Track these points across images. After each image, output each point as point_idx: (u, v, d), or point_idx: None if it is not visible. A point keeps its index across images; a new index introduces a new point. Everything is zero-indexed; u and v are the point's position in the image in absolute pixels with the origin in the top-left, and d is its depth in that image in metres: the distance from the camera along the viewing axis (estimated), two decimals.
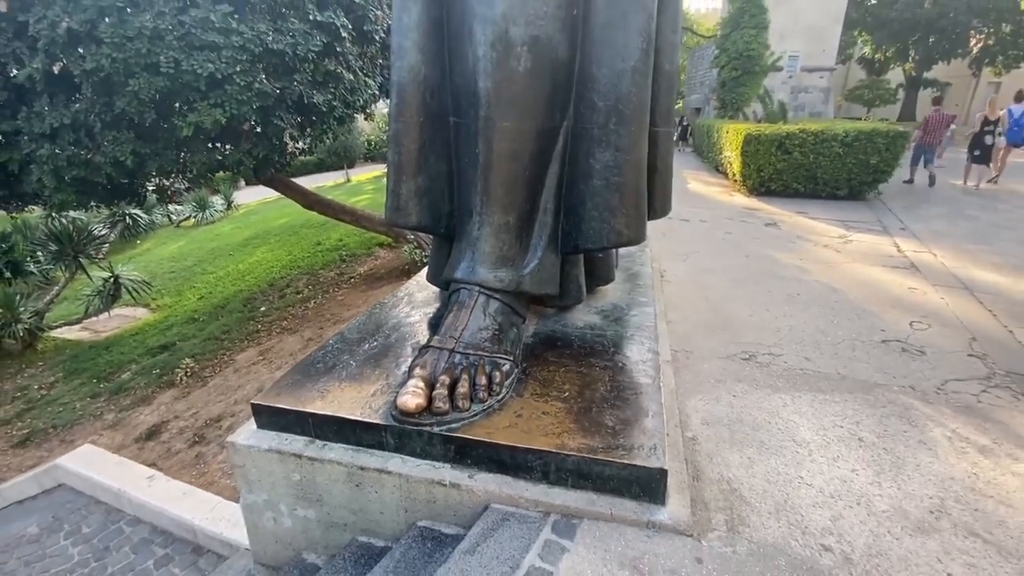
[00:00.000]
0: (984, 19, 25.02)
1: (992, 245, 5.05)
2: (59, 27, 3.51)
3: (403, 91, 1.96)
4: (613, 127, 1.84)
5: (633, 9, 1.76)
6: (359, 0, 4.80)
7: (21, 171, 4.31)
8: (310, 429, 1.70)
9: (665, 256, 4.59)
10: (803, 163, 7.56)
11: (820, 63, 21.13)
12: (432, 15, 1.91)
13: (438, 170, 2.05)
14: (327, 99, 4.68)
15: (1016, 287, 3.84)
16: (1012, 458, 1.88)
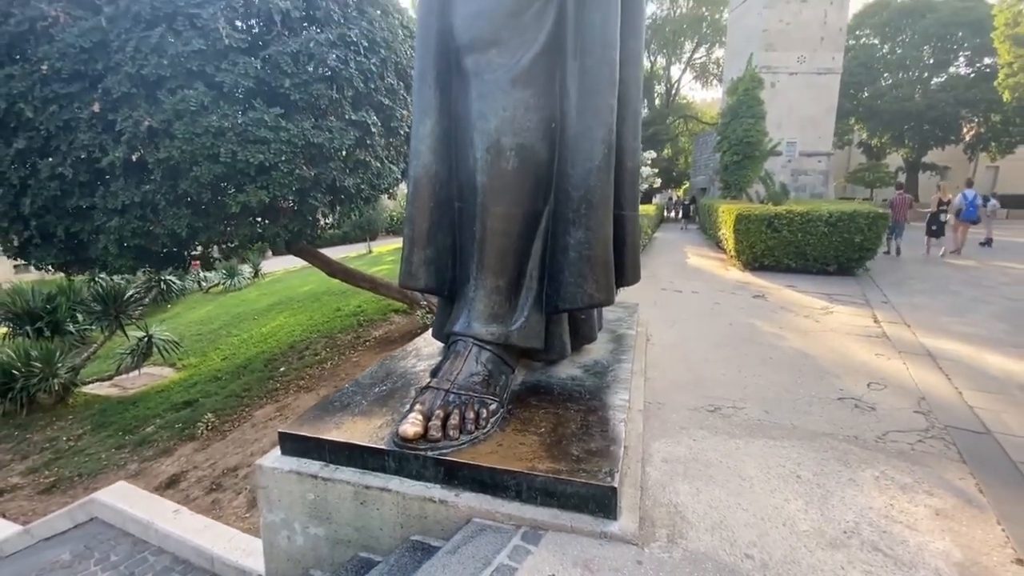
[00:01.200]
0: (973, 110, 26.48)
1: (966, 318, 5.35)
2: (142, 124, 4.30)
3: (418, 183, 2.52)
4: (584, 212, 2.35)
5: (597, 124, 2.33)
6: (387, 102, 5.67)
7: (88, 240, 5.00)
8: (325, 454, 2.08)
9: (654, 322, 4.99)
10: (792, 241, 8.07)
11: (817, 148, 22.41)
12: (443, 126, 2.51)
13: (444, 244, 2.57)
14: (356, 183, 5.41)
15: (978, 356, 4.12)
16: (927, 493, 2.16)
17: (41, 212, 4.80)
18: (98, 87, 4.38)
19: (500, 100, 2.31)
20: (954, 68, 28.49)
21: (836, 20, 20.93)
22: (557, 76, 2.34)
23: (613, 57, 2.30)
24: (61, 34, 4.35)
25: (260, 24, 4.90)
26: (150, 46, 4.24)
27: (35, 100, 4.44)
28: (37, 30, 4.46)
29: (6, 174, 4.69)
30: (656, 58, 32.70)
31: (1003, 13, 20.70)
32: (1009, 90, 20.80)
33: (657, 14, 30.46)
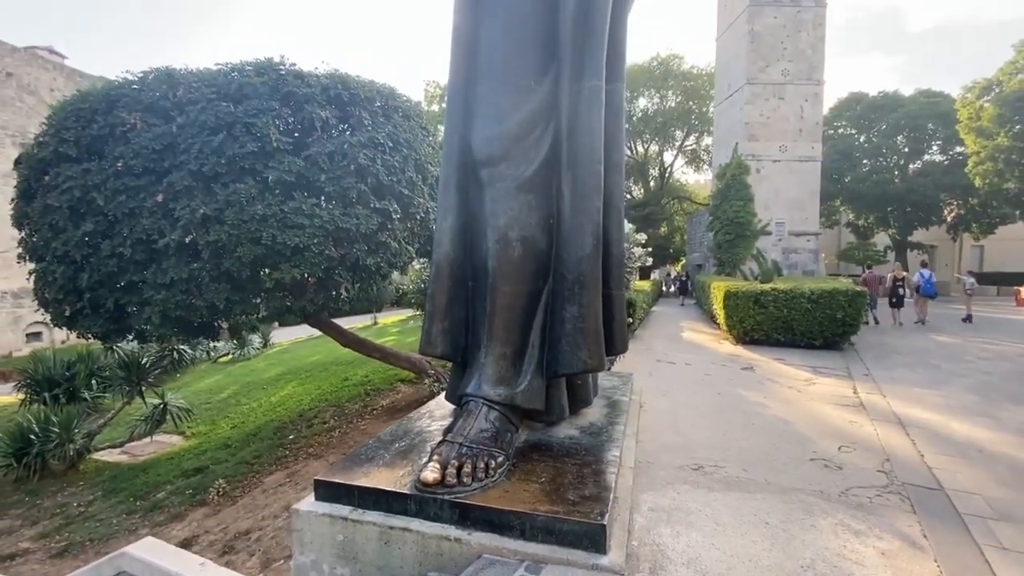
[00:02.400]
0: (951, 193, 28.01)
1: (941, 390, 5.71)
2: (197, 212, 4.99)
3: (440, 267, 3.08)
4: (577, 291, 2.87)
5: (587, 220, 2.90)
6: (407, 192, 6.44)
7: (132, 311, 5.53)
8: (355, 499, 2.44)
9: (648, 391, 5.37)
10: (779, 316, 8.58)
11: (805, 228, 23.56)
12: (460, 221, 3.10)
13: (458, 317, 3.08)
14: (376, 261, 6.03)
15: (946, 424, 4.47)
16: (877, 537, 2.50)
17: (95, 286, 5.38)
18: (163, 181, 5.12)
19: (508, 203, 2.94)
20: (928, 156, 30.48)
21: (812, 115, 22.85)
22: (554, 183, 2.97)
23: (598, 169, 2.94)
24: (137, 137, 5.17)
25: (303, 129, 5.76)
26: (211, 148, 5.03)
27: (107, 191, 5.17)
28: (116, 133, 5.29)
29: (71, 253, 5.33)
30: (649, 145, 35.14)
31: (965, 108, 22.64)
32: (979, 176, 22.25)
33: (648, 107, 33.19)
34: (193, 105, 5.21)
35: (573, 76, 2.92)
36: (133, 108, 5.31)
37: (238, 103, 5.33)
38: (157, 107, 5.32)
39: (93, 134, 5.37)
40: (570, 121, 2.93)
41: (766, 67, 22.52)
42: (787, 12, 22.30)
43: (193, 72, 5.68)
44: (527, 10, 2.93)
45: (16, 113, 21.47)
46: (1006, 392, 5.62)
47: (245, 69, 5.66)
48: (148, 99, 5.35)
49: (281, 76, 5.72)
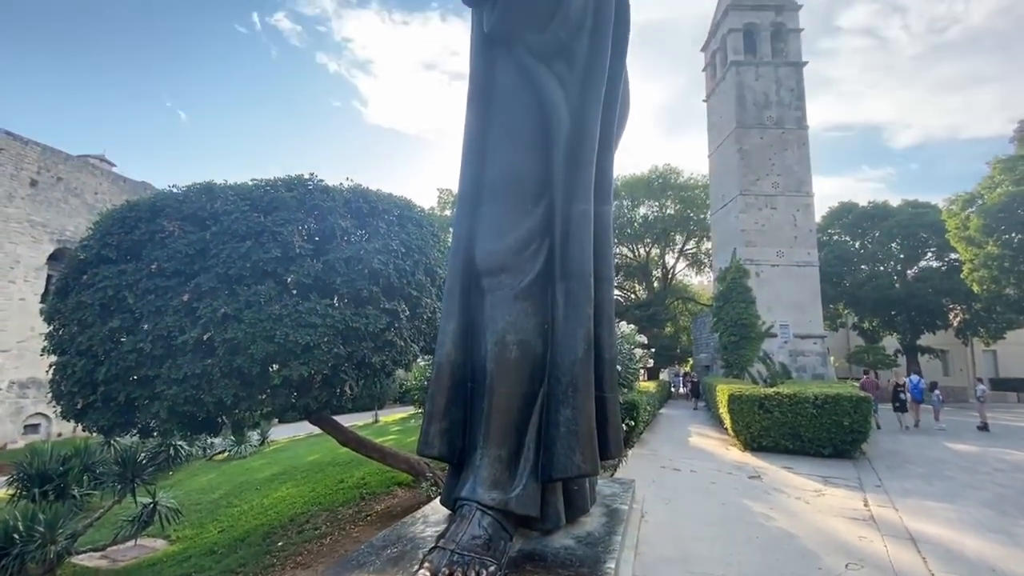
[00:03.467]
0: (953, 298, 28.34)
1: (955, 504, 5.49)
2: (218, 311, 5.33)
3: (441, 368, 3.29)
4: (571, 393, 3.03)
5: (579, 326, 3.12)
6: (415, 293, 6.82)
7: (142, 405, 5.67)
8: None
9: (650, 500, 5.23)
10: (785, 421, 8.45)
11: (810, 331, 23.63)
12: (462, 324, 3.35)
13: (457, 418, 3.21)
14: (382, 359, 6.24)
15: (958, 540, 4.28)
16: None
17: (111, 379, 5.58)
18: (191, 282, 5.54)
19: (507, 309, 3.21)
20: (925, 262, 31.33)
21: (805, 223, 24.00)
22: (549, 291, 3.25)
23: (589, 281, 3.23)
24: (174, 243, 5.69)
25: (324, 236, 6.30)
26: (239, 253, 5.51)
27: (138, 290, 5.58)
28: (155, 239, 5.83)
29: (94, 348, 5.61)
30: (651, 249, 36.58)
31: (952, 219, 23.72)
32: (976, 283, 22.70)
33: (649, 215, 35.10)
34: (228, 215, 5.79)
35: (565, 201, 3.33)
36: (174, 217, 5.91)
37: (268, 214, 5.91)
38: (195, 217, 5.91)
39: (135, 239, 5.92)
40: (563, 239, 3.29)
41: (757, 180, 24.13)
42: (772, 133, 24.38)
43: (231, 186, 6.36)
44: (525, 148, 3.43)
45: (59, 213, 23.17)
46: (1022, 506, 5.40)
47: (278, 185, 6.35)
48: (188, 209, 5.96)
49: (309, 191, 6.38)
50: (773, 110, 24.69)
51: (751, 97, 24.80)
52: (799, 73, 25.07)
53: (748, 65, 25.00)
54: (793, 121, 24.65)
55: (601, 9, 3.53)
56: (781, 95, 24.85)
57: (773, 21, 25.40)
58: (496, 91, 3.63)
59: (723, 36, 26.23)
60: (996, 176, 21.79)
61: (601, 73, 3.55)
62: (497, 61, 3.68)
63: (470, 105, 3.72)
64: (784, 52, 25.32)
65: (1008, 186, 20.76)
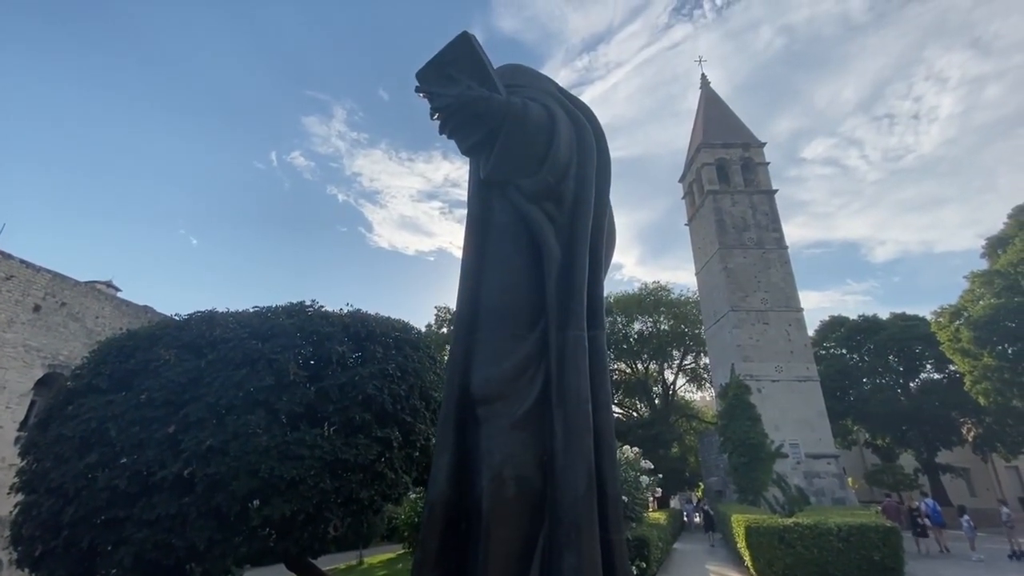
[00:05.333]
0: (962, 411, 27.56)
1: None
2: (204, 444, 5.11)
3: (433, 507, 3.10)
4: (574, 536, 2.82)
5: (580, 459, 3.01)
6: (409, 419, 6.62)
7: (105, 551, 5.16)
8: None
9: None
10: (810, 559, 7.71)
11: (821, 450, 22.60)
12: (456, 458, 3.22)
13: (451, 565, 2.95)
14: (371, 495, 5.85)
15: None
16: None
17: (77, 521, 5.16)
18: (180, 412, 5.39)
19: (503, 439, 3.11)
20: (925, 374, 31.02)
21: (799, 338, 24.23)
22: (547, 419, 3.18)
23: (587, 408, 3.18)
24: (167, 371, 5.65)
25: (320, 362, 6.29)
26: (233, 382, 5.45)
27: (123, 421, 5.41)
28: (150, 368, 5.80)
29: (65, 485, 5.27)
30: (649, 364, 36.31)
31: (942, 332, 24.01)
32: (982, 396, 22.28)
33: (643, 330, 35.46)
34: (225, 343, 5.83)
35: (559, 327, 3.41)
36: (171, 345, 5.94)
37: (266, 340, 5.97)
38: (193, 344, 5.95)
39: (128, 368, 5.89)
40: (558, 364, 3.31)
41: (746, 297, 24.84)
42: (753, 253, 25.67)
43: (232, 314, 6.51)
44: (520, 278, 3.60)
45: (56, 338, 23.17)
46: None
47: (278, 311, 6.49)
48: (187, 337, 6.02)
49: (308, 317, 6.52)
50: (752, 232, 26.27)
51: (730, 221, 26.54)
52: (772, 199, 27.14)
53: (724, 193, 27.15)
54: (772, 241, 26.10)
55: (584, 155, 3.96)
56: (758, 218, 26.63)
57: (742, 156, 28.14)
58: (492, 227, 3.91)
59: (698, 169, 28.85)
60: (976, 290, 22.56)
61: (587, 210, 3.87)
62: (493, 201, 4.02)
63: (468, 239, 3.98)
64: (755, 182, 27.67)
65: (990, 299, 21.38)
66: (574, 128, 4.04)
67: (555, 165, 3.72)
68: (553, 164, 3.70)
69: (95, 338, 24.39)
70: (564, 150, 3.82)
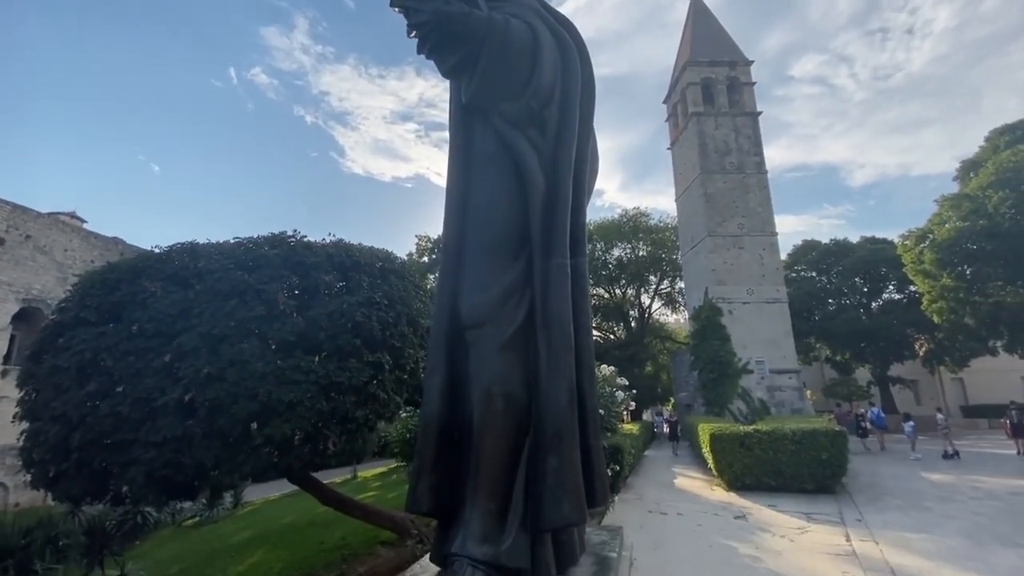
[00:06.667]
0: (917, 329, 29.45)
1: (933, 534, 5.64)
2: (201, 371, 5.30)
3: (428, 423, 3.39)
4: (556, 443, 3.15)
5: (562, 376, 3.28)
6: (398, 344, 6.88)
7: (116, 471, 5.48)
8: None
9: (639, 546, 5.24)
10: (766, 459, 8.58)
11: (785, 366, 24.17)
12: (448, 379, 3.47)
13: (444, 472, 3.29)
14: (365, 413, 6.21)
15: (937, 571, 4.41)
16: None
17: (86, 445, 5.41)
18: (173, 342, 5.51)
19: (491, 361, 3.37)
20: (887, 294, 32.68)
21: (771, 261, 25.00)
22: (531, 343, 3.42)
23: (569, 330, 3.42)
24: (156, 303, 5.69)
25: (307, 291, 6.39)
26: (224, 312, 5.54)
27: (117, 352, 5.52)
28: (136, 300, 5.82)
29: (68, 413, 5.47)
30: (627, 289, 37.29)
31: (907, 254, 25.01)
32: (936, 314, 23.74)
33: (622, 256, 36.02)
34: (211, 274, 5.85)
35: (543, 256, 3.56)
36: (156, 277, 5.94)
37: (252, 272, 6.00)
38: (178, 276, 5.96)
39: (115, 300, 5.90)
40: (543, 291, 3.50)
41: (723, 222, 25.21)
42: (734, 178, 25.72)
43: (214, 245, 6.46)
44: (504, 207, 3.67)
45: (26, 271, 22.57)
46: (996, 534, 5.58)
47: (261, 242, 6.47)
48: (171, 269, 6.01)
49: (292, 247, 6.51)
50: (733, 156, 26.14)
51: (712, 145, 26.27)
52: (755, 122, 26.77)
53: (708, 115, 26.62)
54: (753, 166, 26.09)
55: (569, 80, 3.90)
56: (740, 142, 26.40)
57: (728, 75, 27.30)
58: (475, 155, 3.92)
59: (683, 89, 28.01)
60: (944, 213, 23.25)
61: (571, 138, 3.89)
62: (475, 128, 4.00)
63: (451, 168, 4.00)
64: (740, 103, 27.09)
65: (956, 222, 22.13)
66: (558, 48, 3.94)
67: (539, 89, 3.67)
68: (537, 88, 3.65)
69: (67, 271, 23.86)
70: (548, 73, 3.76)
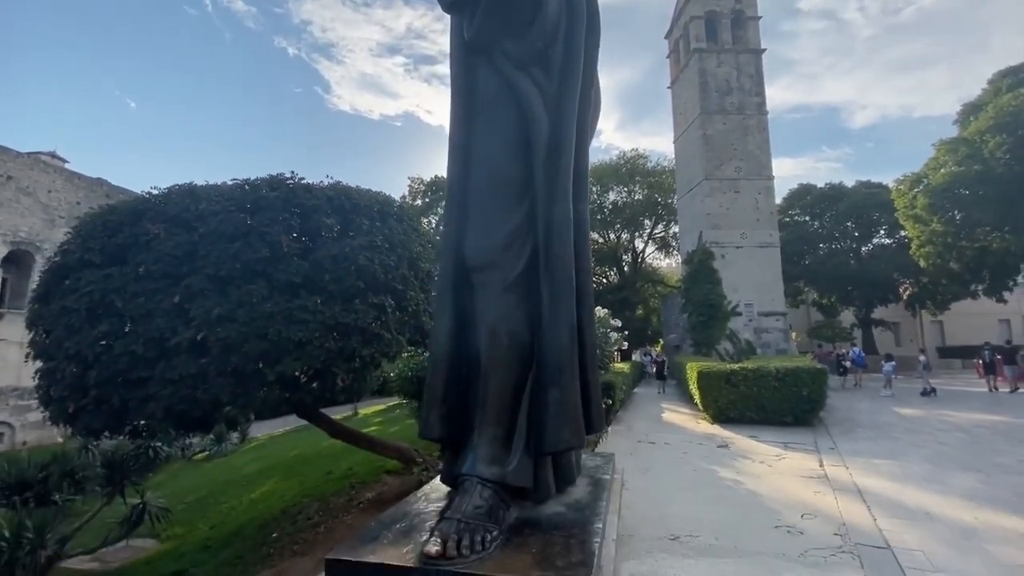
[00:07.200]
0: (903, 273, 30.05)
1: (898, 460, 6.15)
2: (212, 312, 5.46)
3: (437, 361, 3.60)
4: (558, 377, 3.37)
5: (564, 316, 3.47)
6: (400, 287, 7.05)
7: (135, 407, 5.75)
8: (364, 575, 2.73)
9: (629, 471, 5.68)
10: (750, 394, 9.08)
11: (773, 309, 24.78)
12: (455, 321, 3.65)
13: (453, 403, 3.53)
14: (371, 352, 6.47)
15: (900, 491, 4.88)
16: None
17: (103, 383, 5.65)
18: (181, 284, 5.63)
19: (496, 303, 3.53)
20: (877, 239, 33.04)
21: (766, 206, 25.01)
22: (534, 284, 3.58)
23: (570, 273, 3.57)
24: (160, 245, 5.75)
25: (310, 235, 6.45)
26: (229, 254, 5.63)
27: (126, 293, 5.64)
28: (140, 242, 5.88)
29: (83, 352, 5.66)
30: (621, 234, 37.32)
31: (900, 198, 25.09)
32: (923, 258, 24.16)
33: (618, 200, 35.77)
34: (213, 216, 5.88)
35: (547, 201, 3.64)
36: (157, 220, 5.96)
37: (253, 214, 6.02)
38: (180, 219, 5.97)
39: (118, 243, 5.95)
40: (546, 235, 3.61)
41: (720, 165, 24.94)
42: (734, 119, 25.18)
43: (213, 187, 6.43)
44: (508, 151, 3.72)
45: (11, 213, 22.13)
46: (957, 461, 6.10)
47: (259, 184, 6.44)
48: (172, 211, 6.02)
49: (291, 189, 6.50)
50: (735, 96, 25.45)
51: (713, 84, 25.49)
52: (758, 60, 25.87)
53: (710, 52, 25.63)
54: (753, 107, 25.48)
55: (574, 18, 3.83)
56: (742, 81, 25.62)
57: (733, 8, 26.05)
58: (478, 97, 3.90)
59: (685, 23, 26.77)
60: (940, 157, 23.11)
61: (576, 79, 3.87)
62: (478, 68, 3.95)
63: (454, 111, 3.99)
64: (744, 39, 26.04)
65: (951, 167, 22.06)
66: None
67: (544, 26, 3.61)
68: (542, 25, 3.59)
69: (53, 213, 23.42)
70: (553, 9, 3.68)
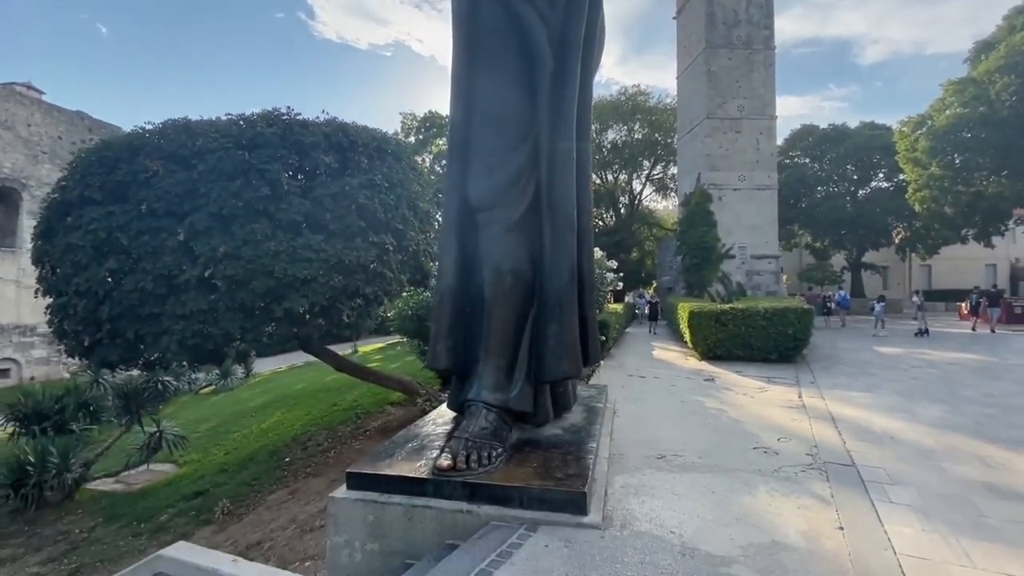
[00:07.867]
0: (898, 217, 30.11)
1: (872, 394, 6.58)
2: (217, 250, 5.56)
3: (443, 296, 3.77)
4: (558, 312, 3.57)
5: (564, 255, 3.62)
6: (400, 227, 7.13)
7: (150, 340, 5.98)
8: (382, 486, 3.03)
9: (621, 401, 6.06)
10: (738, 333, 9.46)
11: (766, 252, 24.99)
12: (460, 257, 3.80)
13: (459, 336, 3.74)
14: (374, 290, 6.66)
15: (868, 419, 5.29)
16: (796, 497, 3.23)
17: (116, 318, 5.84)
18: (184, 222, 5.69)
19: (500, 241, 3.67)
20: (876, 183, 32.81)
21: (767, 147, 24.58)
22: (537, 224, 3.71)
23: (572, 213, 3.69)
24: (159, 183, 5.76)
25: (308, 173, 6.44)
26: (230, 192, 5.65)
27: (131, 231, 5.71)
28: (139, 179, 5.87)
29: (93, 288, 5.80)
30: (619, 174, 36.78)
31: (902, 141, 24.71)
32: (919, 202, 24.18)
33: (617, 139, 34.96)
34: (212, 153, 5.84)
35: (550, 139, 3.70)
36: (155, 156, 5.91)
37: (252, 151, 5.98)
38: (177, 155, 5.93)
39: (117, 180, 5.93)
40: (548, 175, 3.70)
41: (723, 103, 24.25)
42: (740, 54, 24.20)
43: (209, 122, 6.32)
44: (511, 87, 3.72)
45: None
46: (927, 393, 6.53)
47: (256, 120, 6.34)
48: (169, 148, 5.96)
49: (288, 125, 6.41)
50: (742, 29, 24.31)
51: (721, 15, 24.27)
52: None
53: None
54: (761, 41, 24.43)
55: None
56: (751, 12, 24.38)
57: None
58: (481, 28, 3.84)
59: None
60: (947, 99, 22.53)
61: (581, 10, 3.80)
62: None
63: (456, 42, 3.93)
64: None
65: (956, 108, 21.58)
66: None
67: None
68: None
69: (35, 149, 22.72)
70: None
